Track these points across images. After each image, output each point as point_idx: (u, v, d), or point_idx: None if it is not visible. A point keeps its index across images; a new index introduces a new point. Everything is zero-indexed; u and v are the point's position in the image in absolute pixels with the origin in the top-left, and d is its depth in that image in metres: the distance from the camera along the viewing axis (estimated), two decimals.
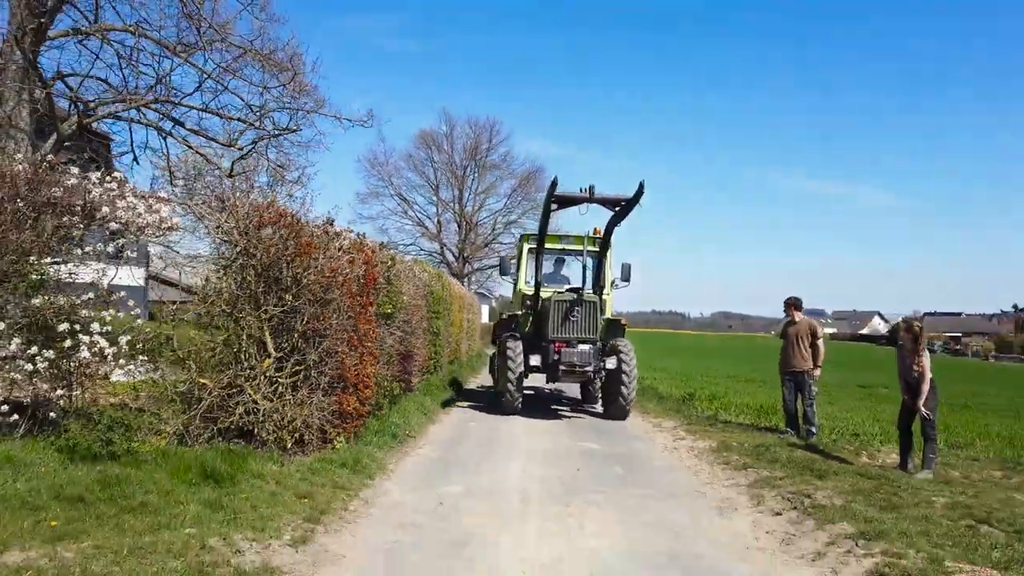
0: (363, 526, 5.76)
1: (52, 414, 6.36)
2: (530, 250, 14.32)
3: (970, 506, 6.50)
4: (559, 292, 13.19)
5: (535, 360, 12.60)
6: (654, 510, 6.69)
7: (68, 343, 6.15)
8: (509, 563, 5.12)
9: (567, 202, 11.74)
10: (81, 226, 6.23)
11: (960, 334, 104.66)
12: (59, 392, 6.49)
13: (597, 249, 13.64)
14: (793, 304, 11.01)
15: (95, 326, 6.24)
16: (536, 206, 51.41)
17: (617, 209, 11.98)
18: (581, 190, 11.39)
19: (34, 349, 6.00)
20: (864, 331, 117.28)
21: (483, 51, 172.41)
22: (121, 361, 6.51)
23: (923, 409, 8.03)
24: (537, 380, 14.09)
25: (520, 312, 14.03)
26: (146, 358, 6.85)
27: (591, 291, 13.26)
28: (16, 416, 6.21)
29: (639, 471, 8.48)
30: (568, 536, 5.79)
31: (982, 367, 60.97)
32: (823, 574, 5.06)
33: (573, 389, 16.55)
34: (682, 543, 5.71)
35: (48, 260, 6.25)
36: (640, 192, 11.15)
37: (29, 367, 5.98)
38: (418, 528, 5.82)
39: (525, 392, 13.25)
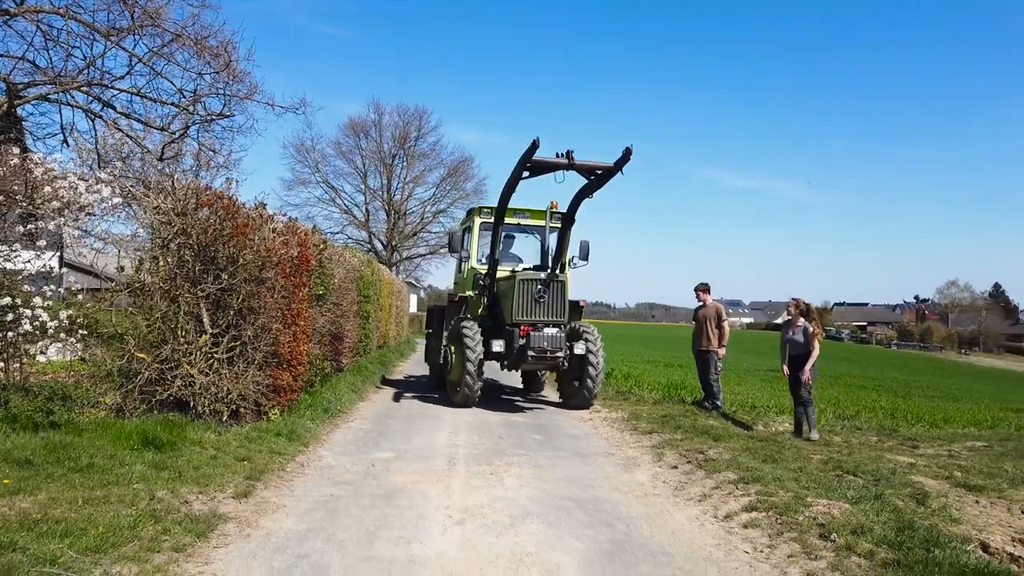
0: (300, 484, 6.25)
1: None
2: (483, 224, 13.12)
3: (842, 462, 7.41)
4: (522, 271, 12.21)
5: (498, 346, 11.42)
6: (567, 467, 7.41)
7: (10, 317, 6.38)
8: (436, 509, 5.71)
9: (542, 168, 10.40)
10: (24, 204, 6.44)
11: (866, 323, 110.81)
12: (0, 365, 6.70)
13: (559, 225, 12.19)
14: (703, 289, 11.90)
15: (37, 300, 6.48)
16: (465, 196, 51.55)
17: (592, 178, 10.74)
18: (558, 155, 10.14)
19: None
20: (778, 321, 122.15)
21: (467, 48, 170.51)
22: (62, 335, 6.76)
23: (807, 372, 9.03)
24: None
25: (472, 293, 12.79)
26: (85, 332, 7.09)
27: (554, 270, 11.97)
28: None
29: (556, 438, 9.20)
30: (489, 489, 6.42)
31: (885, 353, 65.16)
32: (706, 511, 5.87)
33: (511, 376, 15.68)
34: (588, 492, 6.43)
35: None
36: (624, 159, 9.99)
37: None
38: (352, 485, 6.34)
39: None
